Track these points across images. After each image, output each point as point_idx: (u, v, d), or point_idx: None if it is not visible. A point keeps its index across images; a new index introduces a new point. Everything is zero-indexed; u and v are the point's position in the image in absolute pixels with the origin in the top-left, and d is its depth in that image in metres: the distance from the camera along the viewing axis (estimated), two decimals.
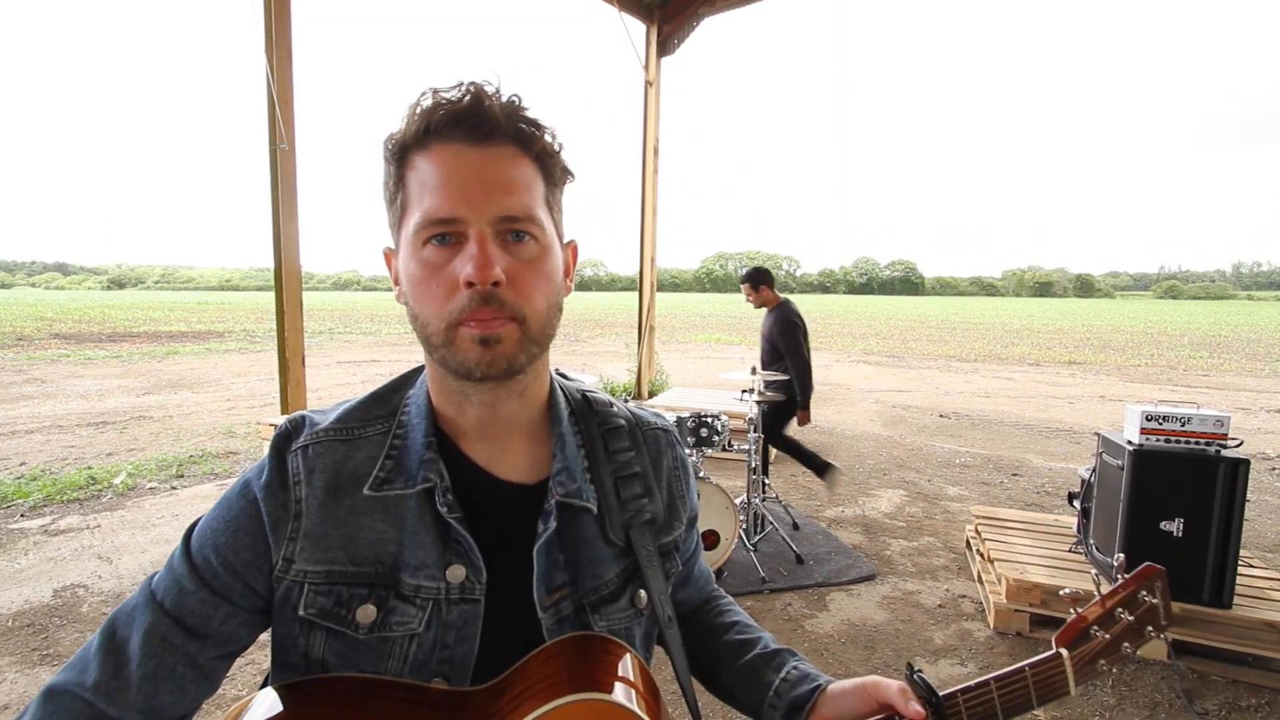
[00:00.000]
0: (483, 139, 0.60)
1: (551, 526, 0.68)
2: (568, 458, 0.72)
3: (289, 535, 0.64)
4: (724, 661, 0.82)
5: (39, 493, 4.58)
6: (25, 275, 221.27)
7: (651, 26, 7.49)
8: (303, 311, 4.99)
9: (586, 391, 0.81)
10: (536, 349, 0.65)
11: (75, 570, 3.42)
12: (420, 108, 0.61)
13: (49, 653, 2.66)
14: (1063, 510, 4.51)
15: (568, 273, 0.71)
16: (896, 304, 78.76)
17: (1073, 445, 6.84)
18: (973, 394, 10.25)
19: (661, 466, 0.80)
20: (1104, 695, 2.49)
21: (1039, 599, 2.87)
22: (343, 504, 0.65)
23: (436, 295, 0.61)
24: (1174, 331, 27.37)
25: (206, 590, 0.64)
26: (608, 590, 0.71)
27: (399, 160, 0.63)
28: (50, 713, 0.58)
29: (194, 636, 0.63)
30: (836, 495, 4.85)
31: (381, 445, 0.68)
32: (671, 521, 0.79)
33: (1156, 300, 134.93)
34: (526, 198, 0.62)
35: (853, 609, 3.16)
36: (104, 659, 0.61)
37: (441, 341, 0.62)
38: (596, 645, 0.67)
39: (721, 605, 0.90)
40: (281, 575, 0.64)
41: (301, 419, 0.70)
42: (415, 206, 0.61)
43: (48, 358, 12.63)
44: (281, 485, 0.65)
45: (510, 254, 0.61)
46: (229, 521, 0.66)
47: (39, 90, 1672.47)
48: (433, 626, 0.64)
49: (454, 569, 0.65)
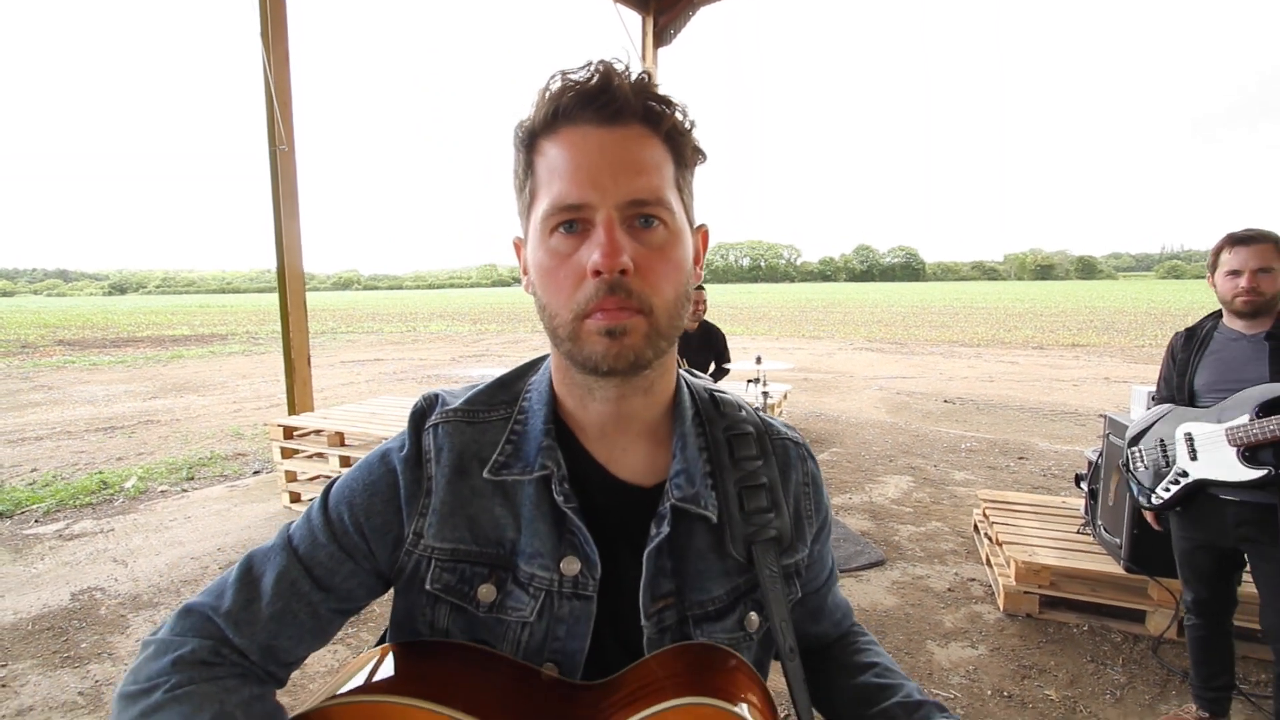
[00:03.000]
0: (611, 119, 0.58)
1: (664, 531, 0.65)
2: (688, 460, 0.68)
3: (420, 510, 0.66)
4: (857, 706, 0.74)
5: (52, 498, 4.62)
6: (27, 282, 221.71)
7: (647, 17, 7.44)
8: (307, 312, 5.01)
9: (715, 392, 0.76)
10: (664, 343, 0.61)
11: (92, 574, 3.46)
12: (549, 91, 0.59)
13: (69, 655, 2.69)
14: (1070, 492, 4.52)
15: (698, 259, 0.68)
16: (898, 290, 78.57)
17: (1078, 427, 6.84)
18: (977, 379, 10.24)
19: (790, 480, 0.74)
20: (1115, 674, 2.51)
21: (1048, 580, 2.89)
22: (466, 485, 0.66)
23: (564, 285, 0.59)
24: (1178, 311, 27.28)
25: (336, 545, 0.66)
26: (714, 607, 0.68)
27: (528, 147, 0.62)
28: (186, 628, 0.62)
29: (319, 587, 0.65)
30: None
31: (503, 430, 0.68)
32: (796, 542, 0.73)
33: (1159, 280, 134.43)
34: (656, 180, 0.59)
35: (862, 595, 3.18)
36: (238, 590, 0.63)
37: (568, 334, 0.60)
38: (718, 656, 0.65)
39: (861, 643, 0.82)
40: (411, 549, 0.66)
41: (435, 396, 0.71)
42: (543, 193, 0.60)
43: (53, 364, 12.68)
44: (418, 461, 0.67)
45: (638, 240, 0.58)
46: (367, 485, 0.67)
47: (37, 96, 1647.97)
48: (544, 618, 0.64)
49: (568, 561, 0.64)
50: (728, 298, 53.18)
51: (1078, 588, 2.88)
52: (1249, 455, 1.87)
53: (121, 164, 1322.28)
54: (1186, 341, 2.13)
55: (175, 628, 0.62)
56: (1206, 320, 2.11)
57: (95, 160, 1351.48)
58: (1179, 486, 2.04)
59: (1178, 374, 2.12)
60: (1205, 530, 2.06)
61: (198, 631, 0.61)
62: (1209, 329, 2.08)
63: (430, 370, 11.98)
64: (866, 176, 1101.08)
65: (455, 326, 24.07)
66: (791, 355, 13.70)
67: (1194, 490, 2.02)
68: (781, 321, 24.91)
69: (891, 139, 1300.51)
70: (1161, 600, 2.71)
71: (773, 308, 36.51)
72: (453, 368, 12.37)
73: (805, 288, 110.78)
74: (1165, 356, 2.21)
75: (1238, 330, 1.99)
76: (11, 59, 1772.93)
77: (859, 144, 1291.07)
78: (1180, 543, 2.16)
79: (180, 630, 0.62)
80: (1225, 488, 1.94)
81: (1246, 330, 1.97)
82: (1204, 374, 2.04)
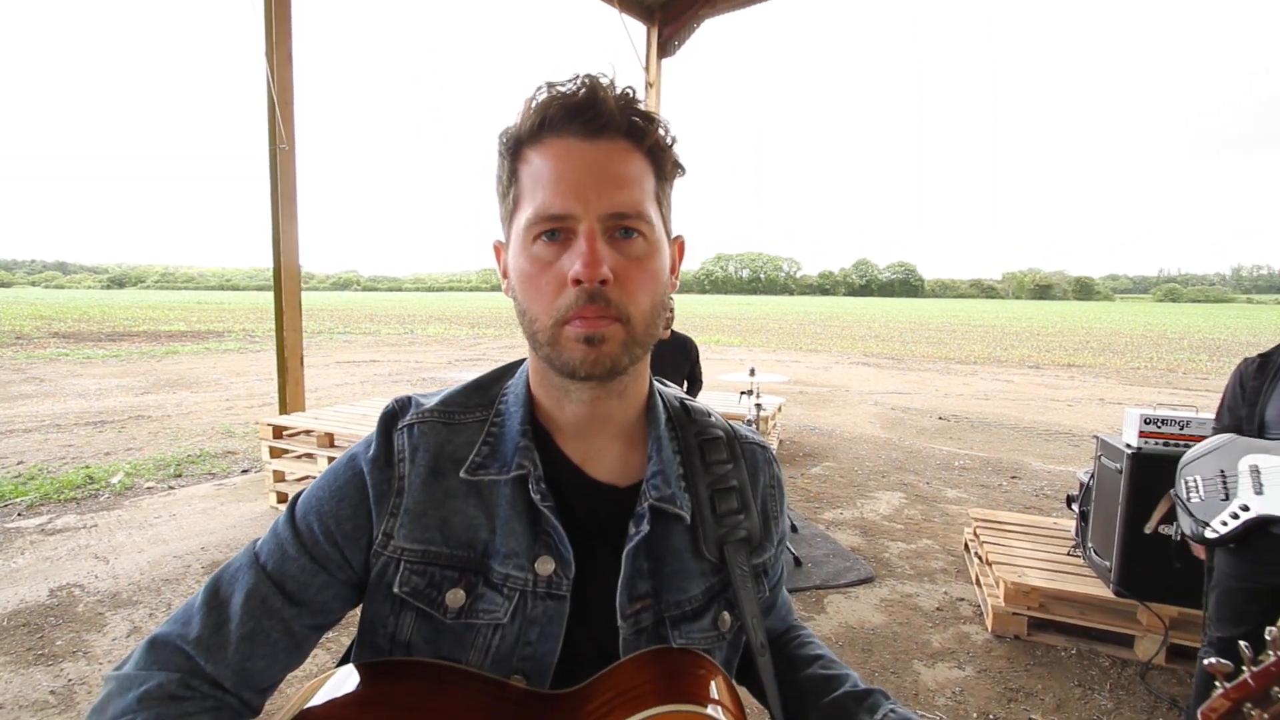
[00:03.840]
0: (596, 133, 0.60)
1: (644, 530, 0.66)
2: (664, 462, 0.70)
3: (390, 511, 0.65)
4: (808, 697, 0.77)
5: (36, 491, 4.58)
6: (25, 274, 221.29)
7: (652, 28, 7.49)
8: (301, 311, 4.99)
9: (685, 400, 0.79)
10: (640, 350, 0.63)
11: (72, 570, 3.41)
12: (535, 101, 0.61)
13: (44, 652, 2.65)
14: (1061, 513, 4.50)
15: (674, 269, 0.69)
16: (896, 306, 78.84)
17: (1072, 448, 6.84)
18: (972, 396, 10.24)
19: (758, 483, 0.77)
20: (1102, 699, 2.48)
21: (1037, 602, 2.87)
22: (440, 485, 0.66)
23: (545, 292, 0.60)
24: (1173, 334, 27.39)
25: (307, 557, 0.65)
26: (690, 607, 0.69)
27: (513, 154, 0.63)
28: (153, 661, 0.60)
29: (291, 603, 0.64)
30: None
31: (479, 432, 0.69)
32: (764, 542, 0.76)
33: (1156, 303, 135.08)
34: (637, 193, 0.61)
35: (850, 612, 3.15)
36: (206, 615, 0.62)
37: (547, 339, 0.61)
38: (689, 660, 0.65)
39: (804, 636, 0.85)
40: (380, 550, 0.65)
41: (408, 400, 0.71)
42: (527, 201, 0.61)
43: (46, 356, 12.62)
44: (387, 461, 0.67)
45: (618, 251, 0.60)
46: (334, 492, 0.67)
47: (40, 90, 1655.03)
48: (517, 619, 0.64)
49: (543, 560, 0.64)
50: (726, 309, 53.27)
51: (1067, 610, 2.86)
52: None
53: (123, 159, 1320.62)
54: (1260, 369, 1.97)
55: (141, 661, 0.60)
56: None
57: (96, 155, 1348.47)
58: (1239, 521, 1.89)
59: (1248, 403, 1.97)
60: (1262, 570, 1.90)
61: (165, 664, 0.59)
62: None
63: (425, 373, 11.95)
64: (867, 192, 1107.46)
65: (452, 330, 24.05)
66: (788, 368, 13.70)
67: (1255, 526, 1.88)
68: (779, 334, 24.93)
69: (892, 156, 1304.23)
70: (1150, 625, 2.69)
71: (771, 320, 36.56)
72: (448, 370, 12.34)
73: (804, 301, 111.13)
74: (1231, 384, 2.06)
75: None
76: (14, 54, 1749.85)
77: (860, 159, 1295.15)
78: (1227, 581, 1.99)
79: (146, 664, 0.59)
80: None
81: None
82: (1277, 404, 1.89)
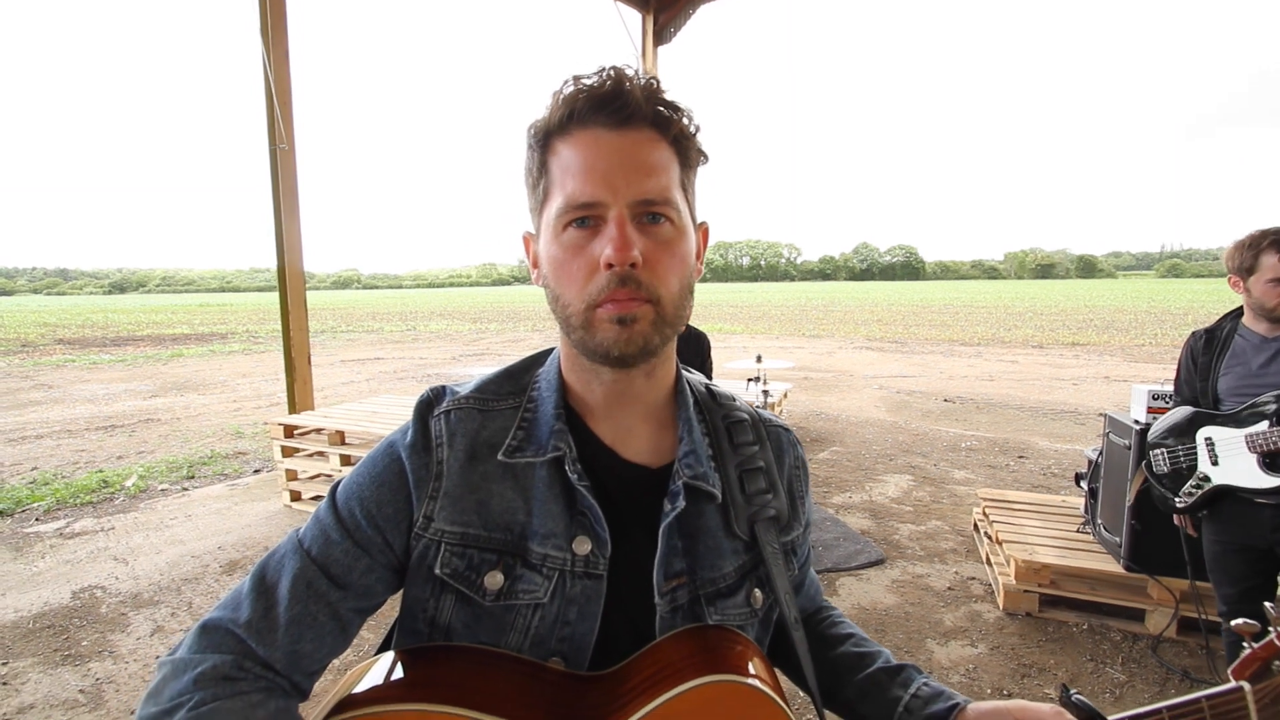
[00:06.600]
0: (623, 123, 0.61)
1: (679, 506, 0.68)
2: (695, 443, 0.72)
3: (430, 494, 0.67)
4: (843, 675, 0.79)
5: (52, 496, 4.63)
6: (27, 281, 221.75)
7: (647, 15, 7.44)
8: (307, 310, 5.01)
9: (710, 385, 0.81)
10: (670, 330, 0.65)
11: (92, 572, 3.46)
12: (562, 95, 0.62)
13: (71, 653, 2.70)
14: (1070, 491, 4.53)
15: (699, 255, 0.71)
16: (898, 289, 78.54)
17: (1078, 426, 6.84)
18: (977, 378, 10.25)
19: (784, 464, 0.80)
20: (1114, 672, 2.51)
21: (1048, 579, 2.89)
22: (477, 470, 0.68)
23: (577, 277, 0.62)
24: (1177, 310, 27.27)
25: (350, 541, 0.66)
26: (725, 584, 0.71)
27: (542, 146, 0.65)
28: (205, 644, 0.61)
29: (336, 586, 0.65)
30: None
31: (513, 417, 0.71)
32: (792, 521, 0.78)
33: (1159, 279, 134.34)
34: (664, 180, 0.63)
35: (862, 593, 3.18)
36: (255, 599, 0.63)
37: (580, 323, 0.63)
38: (726, 636, 0.67)
39: (834, 616, 0.87)
40: (420, 533, 0.67)
41: (443, 388, 0.74)
42: (557, 191, 0.63)
43: (53, 363, 12.69)
44: (424, 447, 0.69)
45: (647, 236, 0.62)
46: (374, 478, 0.69)
47: (36, 95, 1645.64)
48: (556, 599, 0.66)
49: (580, 540, 0.66)
50: (728, 296, 53.17)
51: (1077, 586, 2.88)
52: (1269, 462, 1.83)
53: (121, 163, 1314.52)
54: (1207, 344, 2.06)
55: (194, 645, 0.61)
56: (1225, 320, 2.05)
57: (95, 159, 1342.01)
58: (1201, 492, 1.98)
59: (1200, 378, 2.06)
60: (1239, 532, 1.98)
61: (218, 647, 0.61)
62: (1228, 330, 2.02)
63: (430, 369, 11.98)
64: (866, 175, 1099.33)
65: (455, 325, 24.08)
66: (792, 354, 13.70)
67: (1216, 495, 1.97)
68: (781, 320, 24.90)
69: (891, 137, 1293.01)
70: (1161, 599, 2.71)
71: (773, 306, 36.51)
72: (453, 366, 12.37)
73: (805, 286, 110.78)
74: (1183, 357, 2.15)
75: (1259, 333, 1.94)
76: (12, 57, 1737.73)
77: (859, 142, 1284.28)
78: (1211, 546, 2.09)
79: (199, 647, 0.61)
80: (1246, 494, 1.88)
81: (1269, 333, 1.93)
82: (1227, 378, 1.98)
